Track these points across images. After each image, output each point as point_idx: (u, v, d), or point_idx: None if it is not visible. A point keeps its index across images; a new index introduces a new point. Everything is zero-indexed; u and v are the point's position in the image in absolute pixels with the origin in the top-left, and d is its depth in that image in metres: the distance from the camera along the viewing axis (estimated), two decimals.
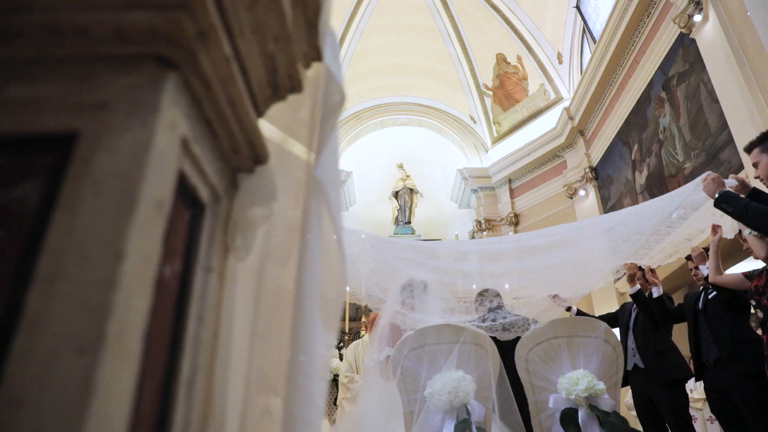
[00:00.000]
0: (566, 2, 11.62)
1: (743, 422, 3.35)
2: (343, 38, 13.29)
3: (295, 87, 0.54)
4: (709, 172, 2.85)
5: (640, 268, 4.23)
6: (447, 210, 14.49)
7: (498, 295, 3.61)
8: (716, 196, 2.62)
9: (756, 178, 2.85)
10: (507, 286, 4.92)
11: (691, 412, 4.95)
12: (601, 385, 2.14)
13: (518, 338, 2.70)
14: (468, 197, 13.85)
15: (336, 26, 13.12)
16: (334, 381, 5.19)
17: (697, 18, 7.42)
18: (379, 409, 2.64)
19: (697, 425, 6.63)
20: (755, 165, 2.79)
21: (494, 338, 2.95)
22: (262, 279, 0.70)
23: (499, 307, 3.53)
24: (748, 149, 2.82)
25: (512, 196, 13.00)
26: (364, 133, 14.53)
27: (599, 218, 3.89)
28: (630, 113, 9.80)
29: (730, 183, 3.15)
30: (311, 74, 0.58)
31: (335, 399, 5.19)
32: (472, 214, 13.67)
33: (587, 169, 11.20)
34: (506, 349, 2.55)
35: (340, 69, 0.59)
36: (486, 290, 3.66)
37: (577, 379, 2.14)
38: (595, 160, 11.14)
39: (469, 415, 2.15)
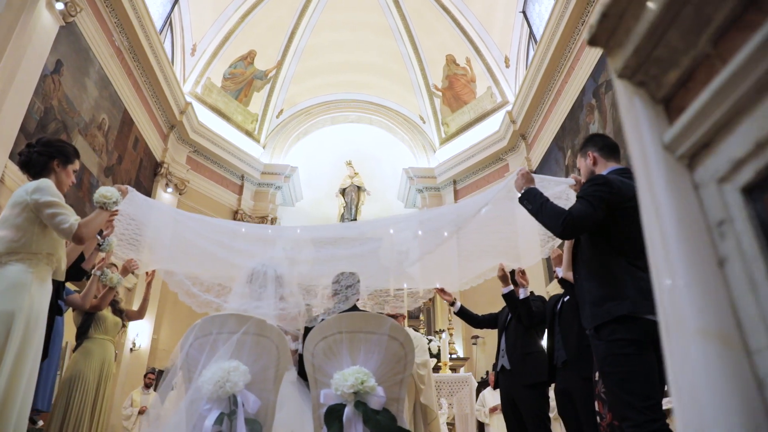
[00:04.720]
0: (514, 6, 11.70)
1: (581, 425, 3.40)
2: (294, 32, 13.18)
3: None
4: (522, 167, 2.85)
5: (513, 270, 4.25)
6: (395, 209, 14.48)
7: (352, 283, 3.46)
8: (522, 192, 2.61)
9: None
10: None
11: None
12: (371, 383, 2.10)
13: None
14: (414, 197, 13.87)
15: (286, 19, 13.05)
16: None
17: None
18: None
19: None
20: (579, 170, 2.81)
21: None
22: None
23: (352, 294, 3.38)
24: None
25: (456, 198, 13.06)
26: (313, 129, 14.43)
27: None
28: (566, 119, 9.90)
29: (569, 182, 3.16)
30: None
31: None
32: None
33: None
34: None
35: None
36: (342, 274, 3.47)
37: (346, 376, 2.12)
38: (535, 164, 11.23)
39: (237, 406, 2.11)
